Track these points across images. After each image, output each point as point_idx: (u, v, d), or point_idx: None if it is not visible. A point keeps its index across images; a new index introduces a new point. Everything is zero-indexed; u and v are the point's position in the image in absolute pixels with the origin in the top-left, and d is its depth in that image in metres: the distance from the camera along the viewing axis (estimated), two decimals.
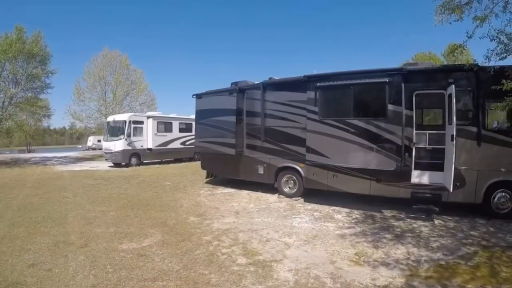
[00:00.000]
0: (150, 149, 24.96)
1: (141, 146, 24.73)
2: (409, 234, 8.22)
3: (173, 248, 7.01)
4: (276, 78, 13.07)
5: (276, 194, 12.56)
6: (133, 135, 24.35)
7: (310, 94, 10.99)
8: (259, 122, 12.69)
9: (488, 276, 5.91)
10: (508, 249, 7.26)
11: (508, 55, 7.62)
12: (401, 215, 9.96)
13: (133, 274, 5.74)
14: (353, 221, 9.43)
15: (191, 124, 25.08)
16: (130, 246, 7.10)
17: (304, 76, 11.29)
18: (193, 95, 15.31)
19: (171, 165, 25.15)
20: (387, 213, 10.24)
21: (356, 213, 10.20)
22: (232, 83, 13.97)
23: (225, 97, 13.65)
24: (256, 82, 13.30)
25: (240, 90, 13.22)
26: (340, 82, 10.68)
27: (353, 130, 10.19)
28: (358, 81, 10.42)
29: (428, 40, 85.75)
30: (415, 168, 10.12)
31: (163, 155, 26.31)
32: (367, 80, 10.36)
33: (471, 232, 8.45)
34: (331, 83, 10.79)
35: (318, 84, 10.88)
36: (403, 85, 9.79)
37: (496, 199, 9.49)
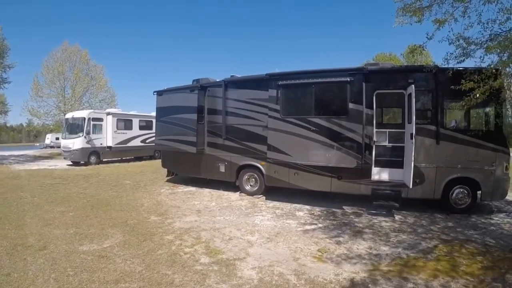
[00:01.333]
0: (109, 147, 24.33)
1: (101, 144, 24.07)
2: (370, 230, 8.40)
3: (135, 248, 6.84)
4: (238, 76, 13.02)
5: (238, 192, 12.54)
6: (92, 133, 23.67)
7: (272, 92, 11.00)
8: (220, 120, 12.59)
9: (449, 269, 6.11)
10: (467, 242, 7.56)
11: (466, 58, 7.88)
12: (362, 212, 10.16)
13: (94, 277, 5.54)
14: (315, 218, 9.51)
15: (151, 121, 24.73)
16: (90, 248, 6.86)
17: (266, 74, 11.31)
18: (154, 92, 15.01)
19: (131, 163, 24.64)
20: (348, 209, 10.42)
21: (318, 210, 10.30)
22: (193, 80, 13.79)
23: (186, 94, 13.43)
24: (218, 80, 13.15)
25: (201, 87, 13.06)
26: (302, 81, 10.75)
27: (314, 128, 10.28)
28: (320, 80, 10.52)
29: (389, 41, 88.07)
30: (376, 166, 10.42)
31: (123, 153, 25.71)
32: (328, 79, 10.49)
33: (431, 227, 8.75)
34: (293, 81, 10.85)
35: (280, 82, 10.90)
36: (364, 84, 10.00)
37: (454, 194, 9.94)
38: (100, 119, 24.19)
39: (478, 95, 7.93)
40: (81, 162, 23.52)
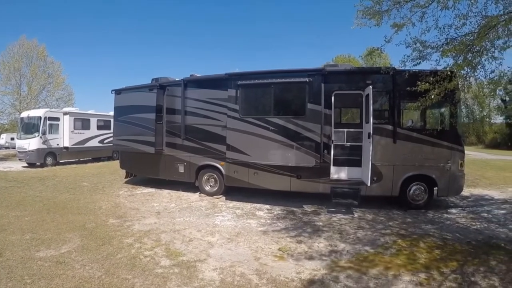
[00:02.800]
0: (66, 148, 23.43)
1: (57, 144, 23.14)
2: (330, 228, 8.52)
3: (94, 253, 6.62)
4: (198, 75, 12.85)
5: (198, 193, 12.38)
6: (49, 133, 22.71)
7: (231, 92, 10.93)
8: (179, 120, 12.38)
9: (408, 263, 6.31)
10: (425, 236, 7.84)
11: (422, 61, 8.20)
12: (321, 210, 10.28)
13: (53, 284, 5.31)
14: (275, 217, 9.55)
15: (109, 121, 24.02)
16: (48, 254, 6.58)
17: (226, 74, 11.25)
18: (112, 90, 14.57)
19: (89, 164, 23.85)
20: (308, 208, 10.51)
21: (278, 210, 10.34)
22: (152, 79, 13.51)
23: (145, 94, 13.10)
24: (177, 79, 12.92)
25: (160, 86, 12.78)
26: (261, 81, 10.77)
27: (273, 128, 10.31)
28: (279, 80, 10.57)
29: (348, 44, 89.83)
30: (334, 165, 10.58)
31: (81, 154, 24.88)
32: (288, 80, 10.55)
33: (389, 223, 9.00)
34: (252, 81, 10.83)
35: (240, 82, 10.85)
36: (322, 85, 10.15)
37: (411, 191, 10.31)
38: (57, 119, 23.28)
39: (433, 96, 8.27)
40: (37, 163, 22.57)
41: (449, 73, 8.26)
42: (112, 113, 16.80)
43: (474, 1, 7.35)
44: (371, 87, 9.39)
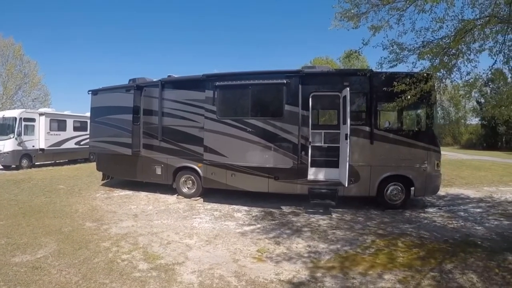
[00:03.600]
0: (42, 150, 22.80)
1: (33, 146, 22.51)
2: (309, 228, 8.57)
3: (70, 257, 6.48)
4: (175, 76, 12.75)
5: (175, 195, 12.24)
6: (24, 134, 22.07)
7: (209, 93, 10.86)
8: (156, 121, 12.24)
9: (387, 262, 6.40)
10: (402, 235, 7.97)
11: (399, 63, 8.33)
12: (300, 211, 10.33)
13: None
14: (253, 218, 9.56)
15: (86, 122, 23.34)
16: (23, 259, 6.42)
17: (203, 75, 11.16)
18: (89, 91, 14.30)
19: (65, 166, 23.30)
20: (286, 209, 10.54)
21: (256, 211, 10.33)
22: (129, 80, 13.31)
23: (121, 94, 12.90)
24: (154, 80, 12.77)
25: (137, 87, 12.59)
26: (238, 82, 10.76)
27: (250, 130, 10.30)
28: (257, 81, 10.58)
29: (326, 46, 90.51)
30: (312, 166, 10.64)
31: (57, 156, 24.25)
32: (265, 81, 10.55)
33: (367, 223, 9.10)
34: (230, 82, 10.79)
35: (217, 83, 10.79)
36: (300, 86, 10.17)
37: (389, 191, 10.43)
38: (33, 119, 22.66)
39: (409, 96, 8.38)
40: (12, 165, 21.94)
41: (425, 75, 8.38)
42: (88, 114, 16.47)
43: (451, 5, 7.51)
44: (348, 88, 9.49)
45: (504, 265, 6.30)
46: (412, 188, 10.48)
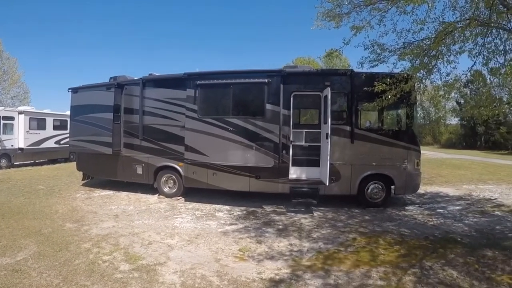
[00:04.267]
0: (21, 149, 22.30)
1: (12, 145, 21.98)
2: (290, 227, 8.62)
3: (51, 259, 6.37)
4: (157, 74, 12.65)
5: (156, 195, 12.15)
6: (3, 133, 21.56)
7: (190, 92, 10.80)
8: (137, 120, 12.13)
9: (369, 259, 6.49)
10: (383, 233, 8.10)
11: (380, 63, 8.48)
12: (281, 210, 10.38)
13: None
14: (234, 218, 9.57)
15: (66, 121, 22.91)
16: (3, 262, 6.28)
17: (185, 74, 11.09)
18: (69, 89, 14.09)
19: (45, 166, 22.79)
20: (268, 208, 10.57)
21: (237, 210, 10.34)
22: (110, 78, 13.17)
23: (102, 92, 12.72)
24: (135, 78, 12.64)
25: (118, 85, 12.45)
26: (220, 81, 10.73)
27: (232, 129, 10.28)
28: (238, 80, 10.59)
29: (308, 46, 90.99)
30: (293, 165, 10.69)
31: (36, 156, 23.73)
32: (247, 80, 10.57)
33: (349, 221, 9.21)
34: (211, 81, 10.76)
35: (198, 82, 10.74)
36: (281, 86, 10.20)
37: (369, 190, 10.58)
38: (11, 118, 22.12)
39: (389, 96, 8.54)
40: None
41: (405, 75, 8.52)
42: (68, 112, 16.20)
43: (432, 7, 7.62)
44: (329, 88, 9.57)
45: (483, 260, 6.46)
46: (393, 187, 10.64)
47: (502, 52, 7.34)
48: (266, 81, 10.19)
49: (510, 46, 7.34)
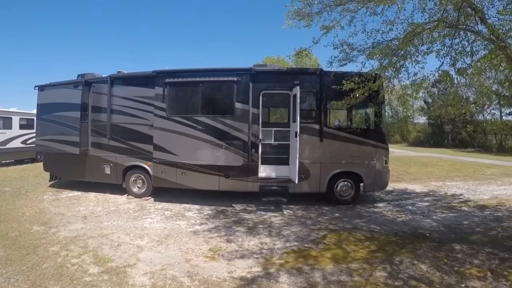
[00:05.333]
0: None
1: None
2: (261, 225, 8.68)
3: (18, 264, 6.23)
4: (125, 71, 12.44)
5: (125, 195, 11.96)
6: None
7: (159, 90, 10.70)
8: (105, 119, 11.89)
9: (340, 256, 6.62)
10: (353, 230, 8.28)
11: (349, 62, 8.64)
12: (251, 208, 10.43)
13: None
14: (204, 217, 9.54)
15: (33, 120, 22.13)
16: None
17: (153, 71, 10.97)
18: (35, 86, 13.70)
19: (11, 167, 22.14)
20: (238, 207, 10.60)
21: (207, 209, 10.30)
22: (78, 75, 12.82)
23: (69, 90, 12.40)
24: (104, 75, 12.42)
25: (86, 83, 12.17)
26: (189, 79, 10.73)
27: (201, 127, 10.25)
28: (208, 78, 10.58)
29: (280, 46, 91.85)
30: (263, 163, 10.75)
31: (2, 156, 22.77)
32: (216, 78, 10.56)
33: (319, 219, 9.33)
34: (180, 79, 10.72)
35: (167, 80, 10.64)
36: (251, 84, 10.27)
37: (339, 187, 10.75)
38: None
39: (358, 95, 8.66)
40: None
41: (373, 74, 8.68)
42: (35, 111, 15.79)
43: (402, 8, 7.77)
44: (298, 87, 9.64)
45: (452, 255, 6.69)
46: (362, 184, 10.85)
47: (469, 53, 7.50)
48: (235, 79, 10.21)
49: (477, 48, 7.52)
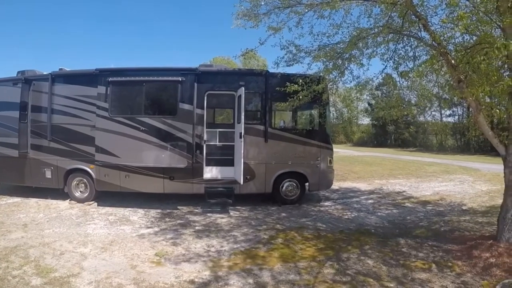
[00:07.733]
0: None
1: None
2: (207, 228, 8.67)
3: None
4: (68, 69, 11.98)
5: (67, 200, 11.41)
6: None
7: (101, 89, 10.39)
8: (45, 119, 11.31)
9: (288, 255, 6.73)
10: (300, 229, 8.42)
11: (295, 63, 8.78)
12: (197, 210, 10.36)
13: None
14: (150, 221, 9.36)
15: None
16: None
17: (96, 69, 10.65)
18: None
19: None
20: (184, 209, 10.48)
21: (153, 213, 10.12)
22: (18, 72, 12.12)
23: (8, 88, 11.69)
24: (45, 73, 11.86)
25: (25, 80, 11.46)
26: (132, 78, 10.56)
27: (144, 128, 10.08)
28: (152, 78, 10.44)
29: (229, 46, 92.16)
30: (207, 165, 10.69)
31: None
32: (160, 78, 10.44)
33: (266, 219, 9.44)
34: (123, 78, 10.52)
35: (110, 79, 10.35)
36: (196, 85, 10.19)
37: (284, 187, 10.89)
38: None
39: (301, 96, 8.84)
40: None
41: (318, 76, 8.93)
42: None
43: (348, 13, 8.02)
44: (243, 88, 9.70)
45: (397, 249, 7.02)
46: (307, 184, 11.03)
47: (412, 57, 7.89)
48: (180, 79, 10.12)
49: (419, 53, 7.91)
